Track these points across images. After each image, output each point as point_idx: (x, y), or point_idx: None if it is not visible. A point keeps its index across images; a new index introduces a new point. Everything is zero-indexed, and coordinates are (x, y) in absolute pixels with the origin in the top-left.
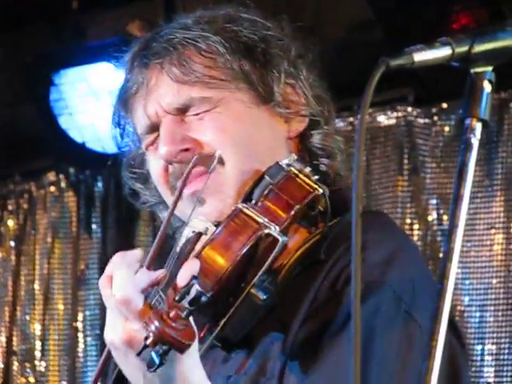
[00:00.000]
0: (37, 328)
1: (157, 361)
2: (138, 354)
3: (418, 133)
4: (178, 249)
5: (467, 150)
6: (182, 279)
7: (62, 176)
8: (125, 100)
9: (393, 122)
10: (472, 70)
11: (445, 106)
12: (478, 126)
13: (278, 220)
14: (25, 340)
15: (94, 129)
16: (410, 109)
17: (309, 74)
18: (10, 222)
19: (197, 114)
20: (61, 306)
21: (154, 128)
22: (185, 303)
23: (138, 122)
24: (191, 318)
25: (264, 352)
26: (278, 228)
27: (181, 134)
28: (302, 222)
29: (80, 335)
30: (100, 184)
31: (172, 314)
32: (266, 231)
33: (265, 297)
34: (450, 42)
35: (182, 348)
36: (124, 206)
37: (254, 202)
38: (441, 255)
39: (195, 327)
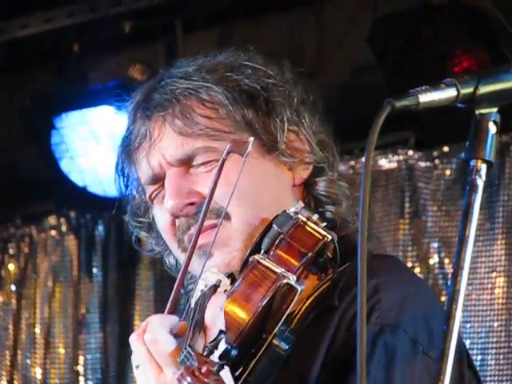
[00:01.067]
0: (38, 372)
1: None
2: None
3: (420, 176)
4: (193, 303)
5: (472, 191)
6: (210, 333)
7: (62, 220)
8: (128, 152)
9: (394, 165)
10: (477, 112)
11: (446, 149)
12: (483, 168)
13: (292, 269)
14: None
15: (96, 172)
16: (411, 152)
17: (312, 119)
18: (11, 266)
19: (202, 164)
20: (62, 350)
21: (158, 179)
22: (214, 358)
23: (141, 173)
24: (222, 373)
25: None
26: (294, 277)
27: (186, 187)
28: (311, 269)
29: (81, 379)
30: (101, 228)
31: (204, 369)
32: (285, 281)
33: (287, 347)
34: (455, 84)
35: None
36: (125, 249)
37: (264, 251)
38: (442, 298)
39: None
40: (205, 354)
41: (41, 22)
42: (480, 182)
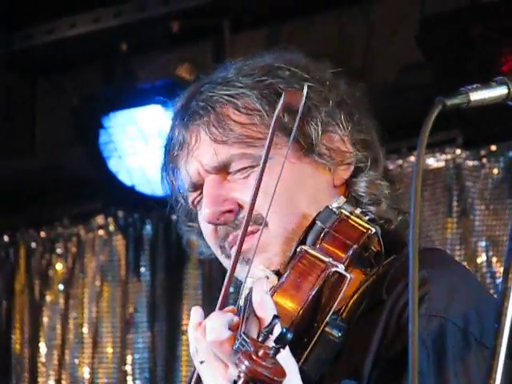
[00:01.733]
0: (85, 371)
1: None
2: None
3: (467, 175)
4: (242, 301)
5: None
6: (263, 320)
7: (110, 219)
8: (170, 159)
9: (442, 164)
10: None
11: (493, 148)
12: None
13: (339, 259)
14: (74, 383)
15: (144, 172)
16: (458, 151)
17: (350, 119)
18: (59, 266)
19: (240, 171)
20: (109, 350)
21: (198, 186)
22: (270, 343)
23: (183, 180)
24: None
25: None
26: (343, 266)
27: (223, 195)
28: (356, 264)
29: (129, 378)
30: (149, 227)
31: (260, 353)
32: (333, 269)
33: (339, 334)
34: (507, 82)
35: None
36: (173, 249)
37: (310, 245)
38: None
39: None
40: (260, 339)
41: (89, 21)
42: None
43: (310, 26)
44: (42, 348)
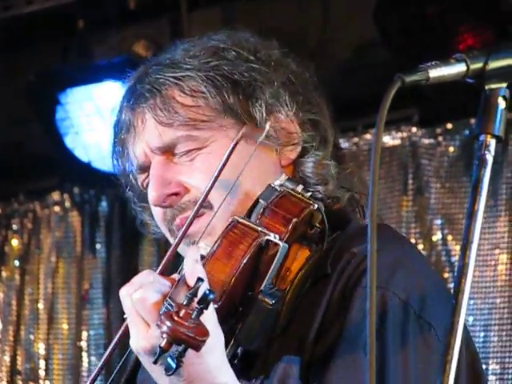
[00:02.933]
0: (41, 347)
1: (173, 364)
2: (155, 362)
3: (423, 153)
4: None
5: (481, 166)
6: (187, 282)
7: (66, 196)
8: (117, 141)
9: (397, 142)
10: (486, 87)
11: (449, 126)
12: (493, 143)
13: (277, 233)
14: (29, 359)
15: (100, 148)
16: (414, 129)
17: (298, 99)
18: (15, 242)
19: (186, 153)
20: (65, 326)
21: (145, 168)
22: (194, 305)
23: (132, 162)
24: (208, 320)
25: (283, 373)
26: (276, 236)
27: (169, 177)
28: (302, 242)
29: (84, 354)
30: (104, 204)
31: (182, 313)
32: (266, 238)
33: (273, 301)
34: (465, 59)
35: (197, 345)
36: (129, 225)
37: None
38: (446, 275)
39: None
40: (184, 302)
41: None
42: (489, 157)
43: (267, 5)
44: None
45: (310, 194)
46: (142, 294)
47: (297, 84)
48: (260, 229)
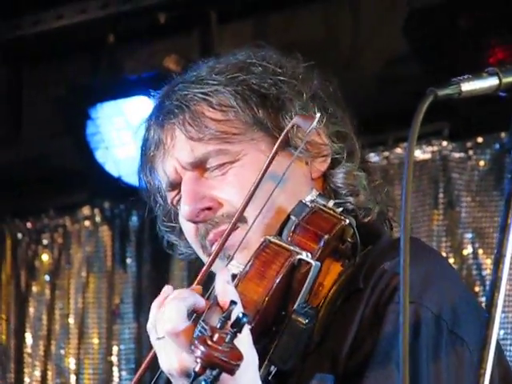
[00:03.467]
0: (71, 362)
1: None
2: None
3: (454, 167)
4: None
5: None
6: (224, 307)
7: (96, 210)
8: (146, 160)
9: (428, 156)
10: None
11: (480, 140)
12: None
13: (308, 250)
14: (60, 374)
15: (130, 162)
16: (445, 143)
17: (326, 111)
18: (45, 257)
19: (218, 167)
20: (95, 340)
21: (176, 185)
22: (227, 328)
23: (161, 180)
24: (242, 343)
25: None
26: (309, 254)
27: (201, 192)
28: (334, 257)
29: (115, 369)
30: (135, 218)
31: (215, 337)
32: (298, 257)
33: (307, 321)
34: (498, 72)
35: (231, 369)
36: (159, 240)
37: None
38: (476, 289)
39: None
40: (218, 325)
41: (75, 12)
42: None
43: (297, 17)
44: (28, 339)
45: (341, 209)
46: (172, 325)
47: (323, 97)
48: (292, 248)
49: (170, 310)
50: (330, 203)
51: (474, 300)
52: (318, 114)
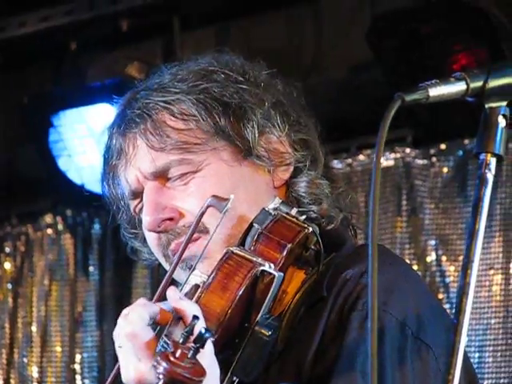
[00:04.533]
0: (34, 370)
1: None
2: None
3: (417, 174)
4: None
5: (482, 185)
6: (183, 319)
7: (59, 218)
8: (108, 169)
9: (391, 163)
10: (486, 105)
11: (443, 146)
12: (493, 162)
13: (271, 259)
14: (23, 382)
15: (93, 170)
16: (408, 150)
17: (288, 119)
18: (7, 265)
19: (180, 177)
20: (58, 349)
21: (138, 194)
22: (190, 343)
23: (124, 188)
24: (205, 358)
25: None
26: (272, 265)
27: (163, 202)
28: (297, 265)
29: (78, 377)
30: (97, 226)
31: (178, 353)
32: (261, 268)
33: (270, 332)
34: (465, 77)
35: None
36: (122, 247)
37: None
38: (440, 296)
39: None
40: (181, 340)
41: (38, 20)
42: (490, 176)
43: (260, 24)
44: None
45: (304, 216)
46: (132, 329)
47: (286, 104)
48: (255, 259)
49: (132, 315)
50: (293, 211)
51: (439, 306)
52: (232, 196)
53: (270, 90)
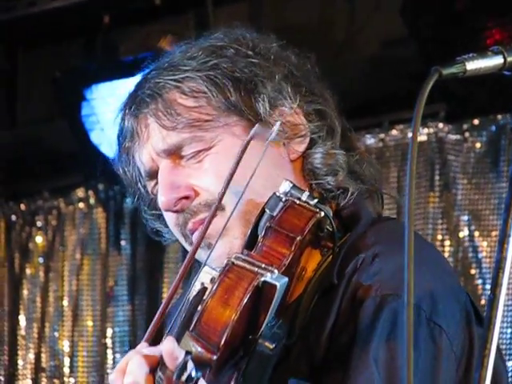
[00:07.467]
0: (65, 345)
1: None
2: None
3: (450, 149)
4: (191, 294)
5: None
6: (176, 358)
7: (91, 192)
8: (122, 150)
9: (424, 138)
10: None
11: (476, 122)
12: None
13: (278, 259)
14: (53, 357)
15: None
16: (441, 125)
17: (301, 90)
18: (39, 239)
19: (193, 155)
20: (90, 323)
21: (153, 174)
22: (183, 379)
23: (140, 169)
24: None
25: None
26: (276, 271)
27: (178, 181)
28: (313, 245)
29: (109, 352)
30: (129, 200)
31: None
32: (262, 279)
33: (273, 345)
34: (502, 51)
35: None
36: None
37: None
38: (472, 271)
39: None
40: (174, 378)
41: None
42: None
43: None
44: (22, 321)
45: (315, 201)
46: (133, 378)
47: (298, 76)
48: (256, 269)
49: (131, 364)
50: (304, 195)
51: (455, 285)
52: (278, 123)
53: (281, 63)
